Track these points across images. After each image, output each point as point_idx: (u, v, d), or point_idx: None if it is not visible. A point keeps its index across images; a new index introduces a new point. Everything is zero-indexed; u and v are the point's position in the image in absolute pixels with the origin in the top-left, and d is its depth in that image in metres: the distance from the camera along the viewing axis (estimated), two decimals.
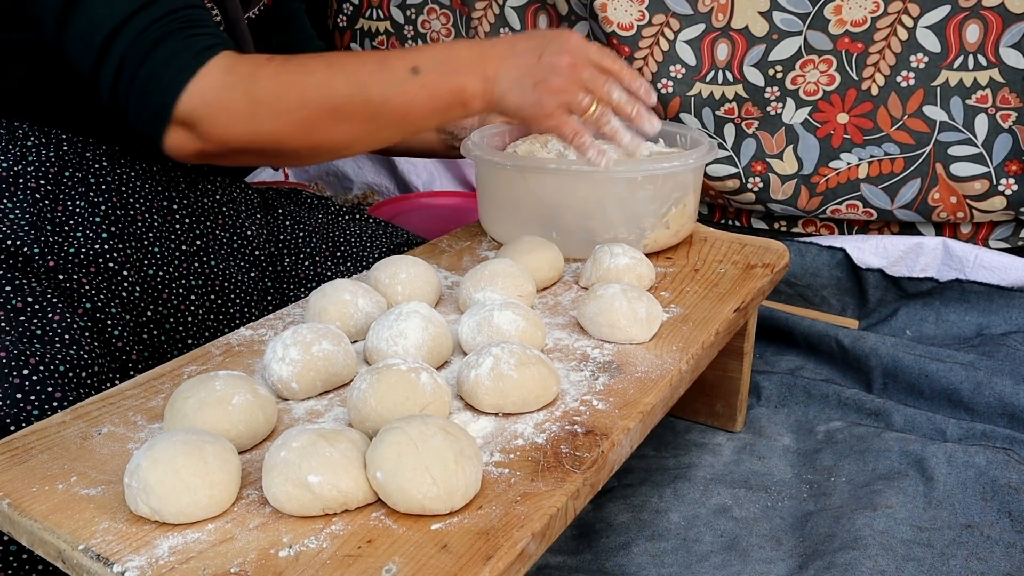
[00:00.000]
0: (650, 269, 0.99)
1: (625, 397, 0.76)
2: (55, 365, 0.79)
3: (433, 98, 0.84)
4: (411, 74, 0.83)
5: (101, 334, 0.88)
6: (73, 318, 0.84)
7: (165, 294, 0.97)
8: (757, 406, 1.26)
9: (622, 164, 1.03)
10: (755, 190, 1.51)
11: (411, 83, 0.83)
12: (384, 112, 0.84)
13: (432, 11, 1.75)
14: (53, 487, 0.63)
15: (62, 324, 0.83)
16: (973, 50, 1.33)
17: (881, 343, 1.30)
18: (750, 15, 1.41)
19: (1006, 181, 1.37)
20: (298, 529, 0.59)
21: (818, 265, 1.51)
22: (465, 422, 0.72)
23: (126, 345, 0.90)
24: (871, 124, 1.42)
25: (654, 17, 1.47)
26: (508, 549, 0.57)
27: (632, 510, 1.05)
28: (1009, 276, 1.40)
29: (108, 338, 0.88)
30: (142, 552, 0.57)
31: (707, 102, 1.49)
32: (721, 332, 0.91)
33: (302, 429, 0.63)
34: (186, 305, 0.99)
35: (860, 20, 1.36)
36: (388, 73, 0.83)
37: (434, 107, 0.85)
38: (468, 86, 0.85)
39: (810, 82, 1.42)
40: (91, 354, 0.83)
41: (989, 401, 1.19)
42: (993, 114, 1.36)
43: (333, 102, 0.82)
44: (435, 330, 0.80)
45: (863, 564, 0.92)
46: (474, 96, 0.86)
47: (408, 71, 0.83)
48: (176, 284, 0.98)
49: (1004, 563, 0.94)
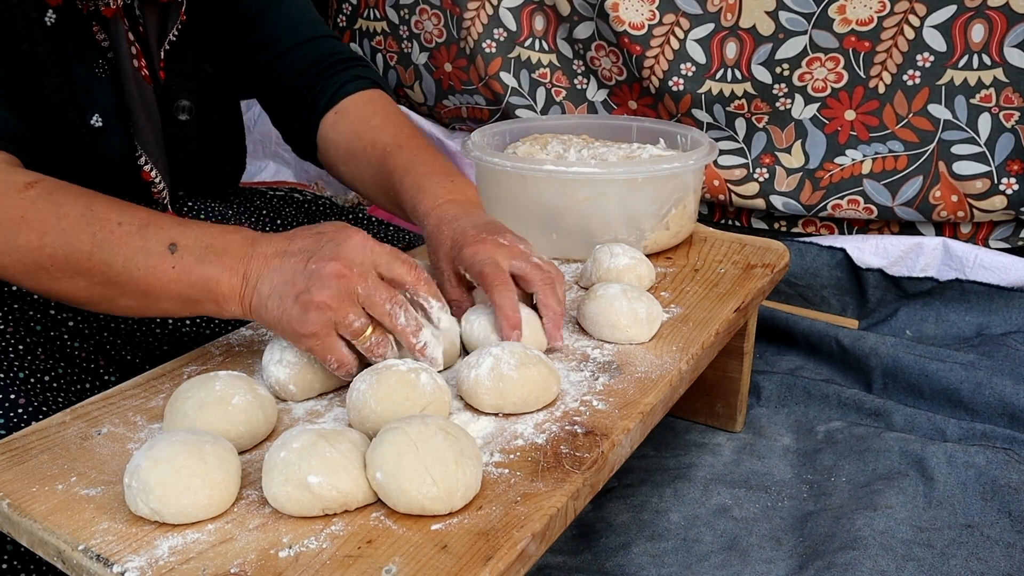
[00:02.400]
0: (650, 269, 0.99)
1: (625, 397, 0.76)
2: (14, 372, 0.78)
3: (180, 283, 0.72)
4: (166, 250, 0.72)
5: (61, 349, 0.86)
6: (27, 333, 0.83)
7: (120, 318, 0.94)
8: (757, 406, 1.26)
9: (621, 166, 1.04)
10: (760, 180, 1.52)
11: (162, 257, 0.72)
12: (123, 281, 0.72)
13: (424, 11, 1.75)
14: (53, 487, 0.63)
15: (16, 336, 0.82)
16: (978, 49, 1.34)
17: (881, 343, 1.30)
18: (757, 15, 1.42)
19: (1007, 181, 1.37)
20: (298, 529, 0.59)
21: (818, 265, 1.51)
22: (465, 422, 0.72)
23: (90, 355, 0.88)
24: (877, 121, 1.43)
25: (664, 17, 1.48)
26: (508, 549, 0.57)
27: (632, 510, 1.05)
28: (1009, 276, 1.40)
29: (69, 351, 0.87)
30: (142, 552, 0.57)
31: (717, 99, 1.50)
32: (721, 332, 0.91)
33: (302, 429, 0.63)
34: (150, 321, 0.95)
35: (866, 19, 1.37)
36: (142, 240, 0.72)
37: (181, 293, 0.72)
38: (223, 282, 0.71)
39: (818, 79, 1.43)
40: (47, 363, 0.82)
41: (989, 401, 1.19)
42: (996, 113, 1.36)
43: (70, 254, 0.72)
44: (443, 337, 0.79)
45: (863, 564, 0.92)
46: (228, 297, 0.72)
47: (165, 245, 0.72)
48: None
49: (1004, 563, 0.94)
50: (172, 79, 0.96)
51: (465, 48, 1.72)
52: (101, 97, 0.90)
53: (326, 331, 0.70)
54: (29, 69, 0.84)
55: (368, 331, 0.71)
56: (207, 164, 1.04)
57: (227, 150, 1.09)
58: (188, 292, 0.72)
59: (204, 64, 0.99)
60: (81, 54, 0.89)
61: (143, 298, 0.74)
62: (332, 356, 0.71)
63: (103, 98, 0.90)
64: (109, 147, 0.92)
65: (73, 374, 0.86)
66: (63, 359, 0.86)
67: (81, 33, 0.88)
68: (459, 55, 1.74)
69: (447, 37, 1.74)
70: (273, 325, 0.72)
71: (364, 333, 0.71)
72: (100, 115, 0.90)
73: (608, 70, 1.63)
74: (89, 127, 0.90)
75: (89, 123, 0.90)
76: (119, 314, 0.83)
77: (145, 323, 0.95)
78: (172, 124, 0.97)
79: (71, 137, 0.88)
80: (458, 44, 1.73)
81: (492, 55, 1.69)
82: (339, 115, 1.01)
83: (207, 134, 1.01)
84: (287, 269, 0.70)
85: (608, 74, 1.63)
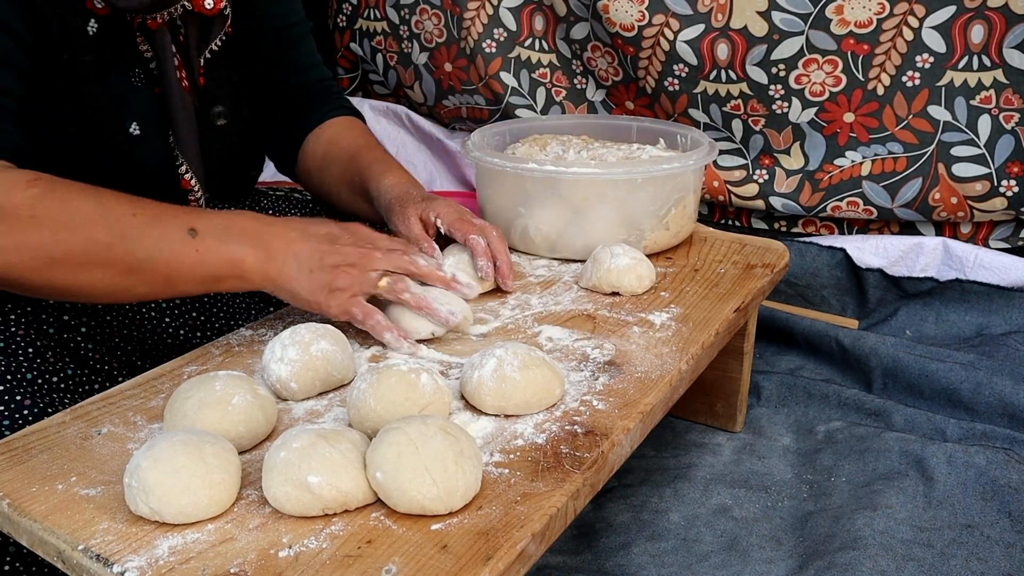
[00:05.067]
0: (650, 269, 0.99)
1: (625, 397, 0.76)
2: (21, 373, 0.79)
3: (205, 264, 0.77)
4: (187, 235, 0.77)
5: (74, 352, 0.87)
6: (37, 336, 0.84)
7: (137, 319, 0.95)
8: (757, 406, 1.26)
9: (620, 167, 1.04)
10: (760, 181, 1.52)
11: (184, 244, 0.77)
12: (145, 269, 0.76)
13: (424, 11, 1.75)
14: (53, 487, 0.63)
15: (27, 339, 0.83)
16: (978, 51, 1.33)
17: (881, 343, 1.30)
18: (748, 15, 1.41)
19: (1007, 183, 1.37)
20: (298, 529, 0.59)
21: (818, 265, 1.51)
22: (465, 422, 0.72)
23: (103, 357, 0.89)
24: (877, 123, 1.43)
25: (654, 17, 1.47)
26: (508, 549, 0.57)
27: (632, 510, 1.05)
28: (1009, 276, 1.40)
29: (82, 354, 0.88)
30: (142, 552, 0.57)
31: (713, 99, 1.50)
32: (721, 332, 0.91)
33: (302, 429, 0.63)
34: (163, 327, 0.97)
35: (865, 21, 1.36)
36: (161, 229, 0.76)
37: (205, 274, 0.78)
38: (248, 257, 0.79)
39: (815, 83, 1.42)
40: (56, 365, 0.83)
41: (989, 401, 1.19)
42: (996, 115, 1.36)
43: (89, 247, 0.74)
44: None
45: (863, 564, 0.92)
46: (252, 270, 0.79)
47: (184, 231, 0.77)
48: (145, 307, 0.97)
49: (1004, 563, 0.94)
50: (210, 85, 0.99)
51: (465, 48, 1.72)
52: (138, 105, 0.92)
53: (352, 289, 0.81)
54: (70, 78, 0.86)
55: (383, 280, 0.83)
56: (235, 168, 1.09)
57: (252, 156, 1.15)
58: (212, 272, 0.78)
59: (234, 73, 1.03)
60: (119, 64, 0.91)
61: (164, 283, 0.78)
62: (358, 308, 0.81)
63: (140, 106, 0.92)
64: (147, 155, 0.94)
65: (83, 376, 0.86)
66: (74, 361, 0.86)
67: (122, 43, 0.90)
68: (459, 55, 1.74)
69: (447, 37, 1.74)
70: (302, 298, 0.81)
71: (381, 281, 0.82)
72: (138, 123, 0.92)
73: (604, 71, 1.63)
74: (128, 135, 0.92)
75: (128, 131, 0.92)
76: (132, 301, 0.88)
77: (158, 329, 0.97)
78: (208, 129, 1.00)
79: (110, 145, 0.90)
80: (458, 44, 1.73)
81: (492, 55, 1.69)
82: (322, 129, 1.14)
83: (237, 138, 1.04)
84: (312, 247, 0.81)
85: (605, 75, 1.63)
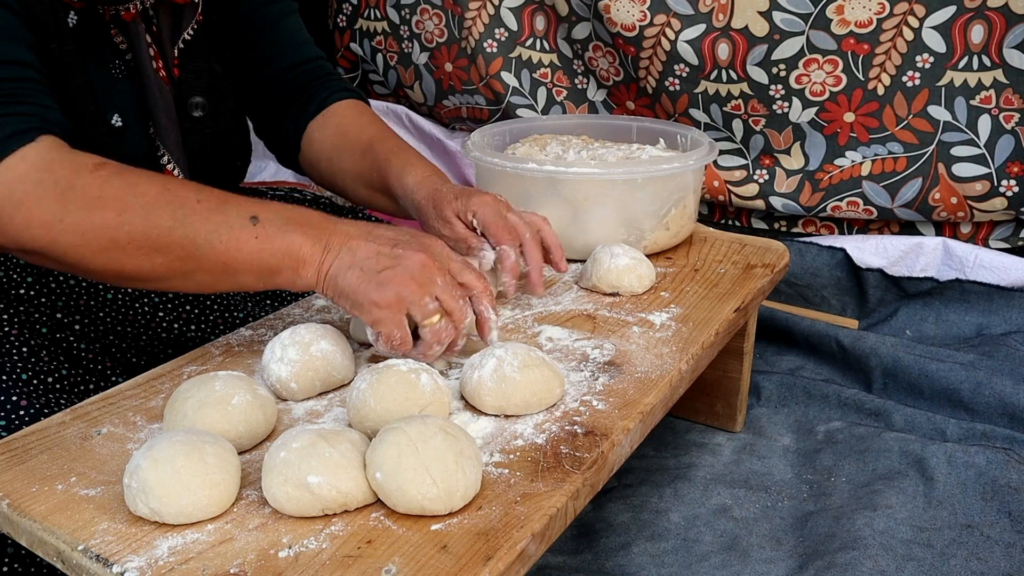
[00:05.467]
0: (650, 269, 0.99)
1: (625, 397, 0.76)
2: (16, 374, 0.79)
3: (263, 252, 0.75)
4: (247, 221, 0.75)
5: (67, 351, 0.87)
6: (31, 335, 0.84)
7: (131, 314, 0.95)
8: (757, 406, 1.26)
9: (620, 167, 1.04)
10: (760, 181, 1.52)
11: (244, 230, 0.75)
12: (204, 254, 0.75)
13: (425, 11, 1.75)
14: (53, 487, 0.63)
15: (20, 338, 0.83)
16: (978, 51, 1.33)
17: (881, 343, 1.30)
18: (750, 15, 1.41)
19: (1007, 183, 1.37)
20: (298, 530, 0.59)
21: (818, 265, 1.51)
22: (465, 422, 0.72)
23: (96, 356, 0.89)
24: (877, 123, 1.43)
25: (655, 17, 1.47)
26: (508, 550, 0.57)
27: (632, 510, 1.05)
28: (1009, 276, 1.40)
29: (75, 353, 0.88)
30: (141, 553, 0.57)
31: (714, 99, 1.50)
32: (721, 332, 0.91)
33: (302, 430, 0.63)
34: (157, 321, 0.97)
35: (865, 21, 1.36)
36: (222, 215, 0.75)
37: (262, 263, 0.76)
38: (305, 248, 0.76)
39: (816, 82, 1.42)
40: (50, 364, 0.83)
41: (989, 401, 1.19)
42: (996, 115, 1.36)
43: (150, 231, 0.74)
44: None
45: (863, 564, 0.92)
46: (308, 262, 0.76)
47: (246, 217, 0.76)
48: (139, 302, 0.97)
49: (1004, 563, 0.94)
50: (186, 76, 0.98)
51: (466, 48, 1.71)
52: (119, 97, 0.92)
53: (399, 307, 0.74)
54: (56, 68, 0.86)
55: (438, 317, 0.76)
56: (219, 160, 1.07)
57: (237, 146, 1.12)
58: (269, 261, 0.75)
59: (213, 63, 1.01)
60: (99, 55, 0.90)
61: (221, 272, 0.76)
62: (398, 331, 0.75)
63: (121, 98, 0.92)
64: (129, 146, 0.93)
65: (78, 376, 0.86)
66: (68, 361, 0.86)
67: (99, 35, 0.90)
68: (460, 55, 1.74)
69: (448, 37, 1.74)
70: (346, 293, 0.75)
71: (433, 317, 0.75)
72: (120, 115, 0.92)
73: (605, 70, 1.63)
74: (110, 127, 0.91)
75: (110, 123, 0.91)
76: (189, 291, 0.86)
77: (151, 326, 0.96)
78: (187, 121, 0.99)
79: (94, 136, 0.90)
80: (459, 44, 1.73)
81: (493, 55, 1.69)
82: (326, 117, 1.08)
83: (219, 130, 1.03)
84: (372, 248, 0.76)
85: (606, 74, 1.63)
